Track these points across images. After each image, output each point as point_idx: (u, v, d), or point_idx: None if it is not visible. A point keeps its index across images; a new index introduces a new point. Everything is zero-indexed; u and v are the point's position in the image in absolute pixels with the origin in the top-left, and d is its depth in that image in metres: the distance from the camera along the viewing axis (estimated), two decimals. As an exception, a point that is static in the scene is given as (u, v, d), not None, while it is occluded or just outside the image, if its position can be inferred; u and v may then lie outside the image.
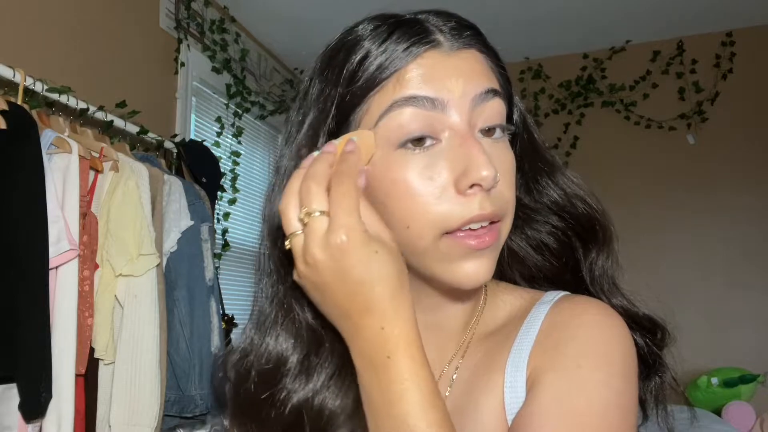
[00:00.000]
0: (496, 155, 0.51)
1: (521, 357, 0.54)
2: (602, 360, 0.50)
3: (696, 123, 3.10)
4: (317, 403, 0.54)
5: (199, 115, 2.65)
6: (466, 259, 0.50)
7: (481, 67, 0.52)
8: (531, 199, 0.61)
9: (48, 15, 1.85)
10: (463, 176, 0.48)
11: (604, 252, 0.60)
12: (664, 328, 0.59)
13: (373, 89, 0.51)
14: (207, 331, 1.75)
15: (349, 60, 0.52)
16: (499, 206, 0.50)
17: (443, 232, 0.49)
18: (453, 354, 0.59)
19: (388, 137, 0.50)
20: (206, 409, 1.71)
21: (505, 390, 0.53)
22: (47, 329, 1.34)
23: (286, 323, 0.55)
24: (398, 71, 0.50)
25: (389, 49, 0.51)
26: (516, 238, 0.63)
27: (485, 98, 0.51)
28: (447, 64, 0.50)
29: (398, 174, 0.50)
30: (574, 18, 2.98)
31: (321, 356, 0.54)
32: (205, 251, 1.82)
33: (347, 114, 0.52)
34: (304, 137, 0.54)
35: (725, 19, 3.00)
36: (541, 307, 0.57)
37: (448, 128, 0.50)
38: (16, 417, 1.31)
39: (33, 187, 1.36)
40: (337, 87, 0.52)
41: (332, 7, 2.78)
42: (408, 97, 0.49)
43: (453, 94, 0.50)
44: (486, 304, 0.61)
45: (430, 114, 0.49)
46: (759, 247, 2.93)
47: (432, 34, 0.51)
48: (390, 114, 0.50)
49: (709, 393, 2.55)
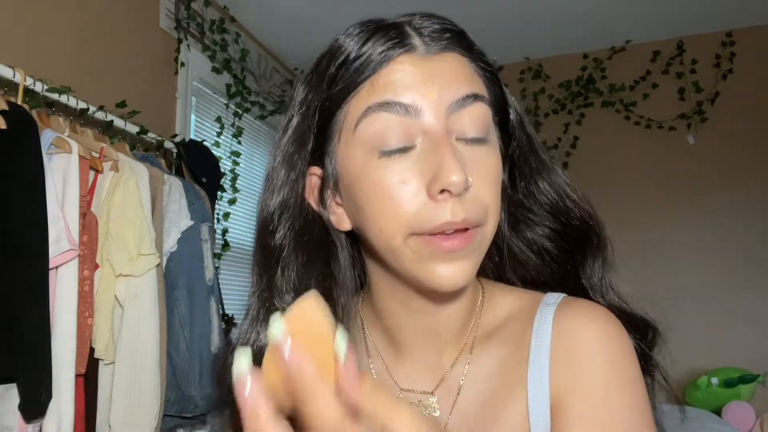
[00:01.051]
0: (476, 159, 0.51)
1: (542, 373, 0.54)
2: (626, 382, 0.52)
3: (696, 123, 3.10)
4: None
5: (199, 115, 2.65)
6: (440, 261, 0.50)
7: (462, 71, 0.52)
8: (528, 201, 0.61)
9: (48, 15, 1.85)
10: (434, 181, 0.48)
11: (599, 256, 0.61)
12: (656, 328, 0.60)
13: (350, 94, 0.51)
14: (207, 331, 1.75)
15: (330, 65, 0.53)
16: (475, 212, 0.49)
17: (411, 233, 0.50)
18: (455, 358, 0.59)
19: (365, 142, 0.50)
20: (206, 409, 1.71)
21: (530, 406, 0.53)
22: (47, 329, 1.34)
23: (267, 317, 0.55)
24: (372, 76, 0.51)
25: (365, 53, 0.51)
26: (517, 242, 0.62)
27: (463, 103, 0.50)
28: (422, 68, 0.50)
29: (373, 178, 0.50)
30: (574, 18, 2.97)
31: None
32: (205, 251, 1.82)
33: (328, 118, 0.53)
34: (288, 141, 0.56)
35: (725, 19, 3.00)
36: (546, 310, 0.57)
37: (422, 133, 0.50)
38: (16, 417, 1.31)
39: (33, 188, 1.36)
40: (319, 92, 0.53)
41: (332, 7, 2.78)
42: (382, 102, 0.50)
43: (428, 99, 0.50)
44: (484, 306, 0.61)
45: (404, 119, 0.49)
46: (759, 247, 2.93)
47: (408, 38, 0.51)
48: (366, 119, 0.50)
49: (709, 393, 2.55)
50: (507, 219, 0.61)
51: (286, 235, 0.56)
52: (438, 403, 0.57)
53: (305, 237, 0.56)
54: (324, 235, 0.58)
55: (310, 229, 0.57)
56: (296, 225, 0.56)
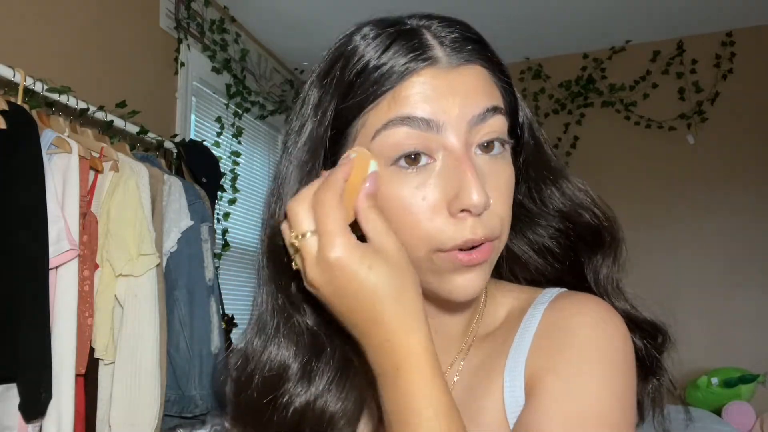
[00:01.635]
0: (493, 173, 0.51)
1: (519, 359, 0.54)
2: (604, 361, 0.50)
3: (696, 123, 3.10)
4: (319, 406, 0.54)
5: (199, 115, 2.65)
6: (458, 274, 0.51)
7: (483, 84, 0.51)
8: (535, 206, 0.60)
9: (48, 15, 1.85)
10: (455, 200, 0.48)
11: (610, 257, 0.60)
12: (665, 332, 0.59)
13: (369, 104, 0.50)
14: (207, 331, 1.75)
15: (347, 71, 0.51)
16: (492, 228, 0.50)
17: (436, 249, 0.50)
18: (454, 357, 0.59)
19: (383, 154, 0.50)
20: (206, 409, 1.71)
21: (505, 393, 0.53)
22: (47, 329, 1.34)
23: (286, 330, 0.55)
24: (394, 88, 0.49)
25: (386, 63, 0.50)
26: (518, 242, 0.62)
27: (484, 117, 0.50)
28: (445, 82, 0.49)
29: (392, 191, 0.50)
30: (574, 18, 2.97)
31: (322, 361, 0.55)
32: (205, 251, 1.82)
33: (344, 127, 0.52)
34: (302, 149, 0.54)
35: (725, 19, 3.00)
36: (538, 308, 0.57)
37: (443, 148, 0.49)
38: (16, 417, 1.31)
39: (33, 187, 1.36)
40: (334, 98, 0.52)
41: (332, 7, 2.78)
42: (404, 117, 0.49)
43: (449, 115, 0.49)
44: (486, 305, 0.61)
45: (425, 134, 0.49)
46: (759, 247, 2.93)
47: (430, 50, 0.50)
48: (386, 132, 0.49)
49: (709, 393, 2.55)
50: (515, 223, 0.60)
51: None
52: None
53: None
54: None
55: None
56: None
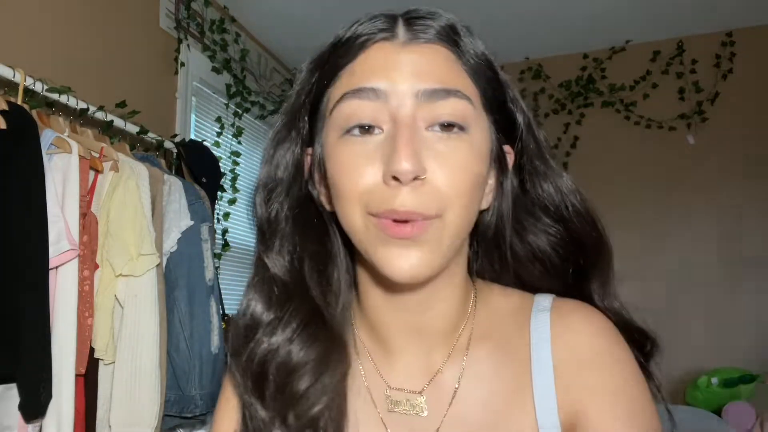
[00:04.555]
0: (448, 150, 0.50)
1: (545, 383, 0.54)
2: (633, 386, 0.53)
3: (696, 123, 3.10)
4: (282, 353, 0.56)
5: (199, 115, 2.65)
6: (392, 248, 0.49)
7: (441, 63, 0.51)
8: (533, 206, 0.60)
9: (48, 15, 1.85)
10: (386, 167, 0.48)
11: (602, 265, 0.60)
12: (654, 340, 0.60)
13: (333, 80, 0.54)
14: (207, 331, 1.75)
15: (325, 49, 0.55)
16: (428, 204, 0.48)
17: (367, 212, 0.50)
18: (445, 358, 0.58)
19: (336, 124, 0.52)
20: (206, 409, 1.71)
21: (539, 420, 0.53)
22: (47, 329, 1.34)
23: (262, 281, 0.59)
24: (352, 62, 0.52)
25: (349, 42, 0.53)
26: (519, 245, 0.61)
27: (436, 95, 0.50)
28: (397, 56, 0.51)
29: (339, 156, 0.52)
30: (574, 18, 2.97)
31: (289, 311, 0.57)
32: (205, 251, 1.82)
33: (316, 104, 0.56)
34: (281, 122, 0.60)
35: (725, 19, 3.00)
36: (540, 314, 0.57)
37: (390, 119, 0.50)
38: (16, 417, 1.31)
39: (33, 187, 1.36)
40: (311, 79, 0.56)
41: (332, 7, 2.78)
42: (355, 89, 0.51)
43: (396, 86, 0.50)
44: (477, 306, 0.60)
45: (374, 104, 0.50)
46: (759, 247, 2.93)
47: (394, 28, 0.52)
48: (339, 105, 0.52)
49: (709, 393, 2.56)
50: (513, 224, 0.60)
51: (282, 208, 0.59)
52: (426, 404, 0.57)
53: (297, 211, 0.59)
54: (318, 213, 0.60)
55: (305, 205, 0.59)
56: (290, 201, 0.59)
